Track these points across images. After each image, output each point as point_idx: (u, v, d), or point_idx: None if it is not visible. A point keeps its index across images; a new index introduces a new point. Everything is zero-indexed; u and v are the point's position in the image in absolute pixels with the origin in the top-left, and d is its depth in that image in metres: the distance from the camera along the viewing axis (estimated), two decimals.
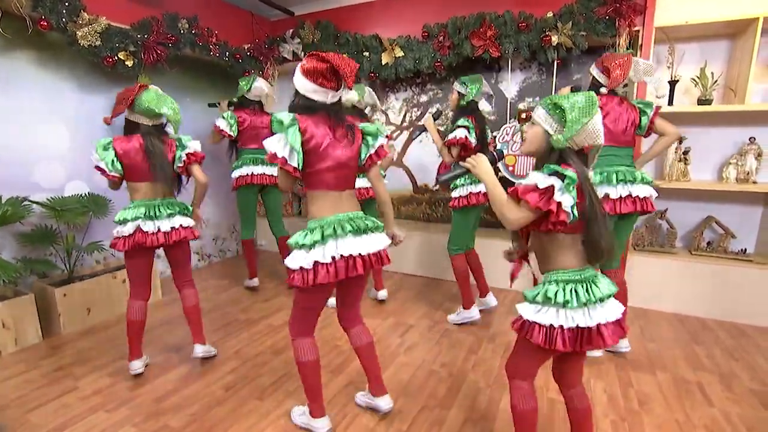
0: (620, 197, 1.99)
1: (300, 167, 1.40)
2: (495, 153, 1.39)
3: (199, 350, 2.12)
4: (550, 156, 1.21)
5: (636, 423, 1.73)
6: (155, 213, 1.86)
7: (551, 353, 1.27)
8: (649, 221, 2.94)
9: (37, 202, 2.37)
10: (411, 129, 3.78)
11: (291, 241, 1.46)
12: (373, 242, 1.50)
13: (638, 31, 2.62)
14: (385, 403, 1.75)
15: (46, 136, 2.57)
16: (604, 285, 1.22)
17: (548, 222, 1.16)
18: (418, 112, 3.73)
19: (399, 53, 3.25)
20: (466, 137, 2.28)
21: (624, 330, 1.23)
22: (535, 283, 1.34)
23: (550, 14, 2.72)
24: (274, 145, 1.39)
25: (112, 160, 1.78)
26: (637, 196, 2.00)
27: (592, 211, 1.17)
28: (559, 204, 1.12)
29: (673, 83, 2.68)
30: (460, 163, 1.45)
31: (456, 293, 2.83)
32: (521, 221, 1.20)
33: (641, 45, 2.61)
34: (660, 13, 2.54)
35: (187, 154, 1.91)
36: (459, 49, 3.04)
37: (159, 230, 1.84)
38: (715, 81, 2.59)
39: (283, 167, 1.39)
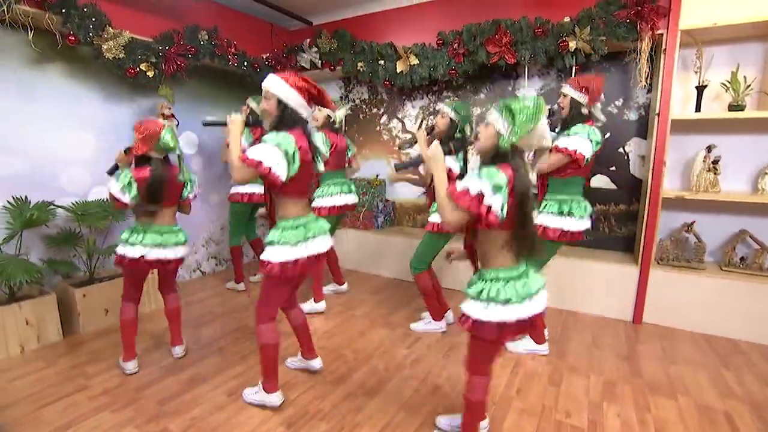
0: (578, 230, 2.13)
1: (286, 179, 1.58)
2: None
3: (179, 350, 2.28)
4: (496, 154, 1.30)
5: None
6: (162, 243, 2.00)
7: (502, 345, 1.48)
8: (674, 234, 2.77)
9: (61, 206, 2.49)
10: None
11: (274, 238, 1.65)
12: (326, 242, 1.79)
13: (662, 34, 2.50)
14: (317, 363, 2.10)
15: (73, 143, 2.71)
16: (536, 279, 1.37)
17: (481, 222, 1.26)
18: (435, 120, 3.69)
19: (414, 61, 3.24)
20: (450, 169, 2.23)
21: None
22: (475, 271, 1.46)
23: (567, 19, 2.64)
24: (263, 155, 1.52)
25: (135, 195, 1.90)
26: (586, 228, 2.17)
27: (522, 210, 1.27)
28: (489, 207, 1.21)
29: (700, 89, 2.53)
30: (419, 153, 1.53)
31: None
32: (459, 222, 1.29)
33: (665, 49, 2.48)
34: (686, 16, 2.41)
35: (195, 194, 2.15)
36: (474, 56, 2.99)
37: (163, 258, 2.01)
38: (748, 85, 2.43)
39: (267, 176, 1.53)
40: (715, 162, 2.60)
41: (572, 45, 2.64)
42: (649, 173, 2.64)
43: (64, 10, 2.30)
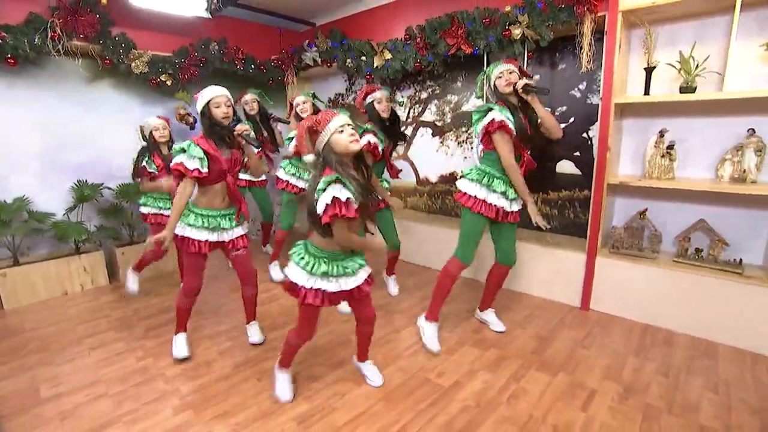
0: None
1: None
2: None
3: None
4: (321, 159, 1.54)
5: (481, 413, 1.79)
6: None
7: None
8: (629, 222, 2.68)
9: (107, 187, 3.39)
10: (414, 125, 3.99)
11: None
12: None
13: (604, 16, 2.42)
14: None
15: (120, 139, 3.59)
16: None
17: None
18: (420, 108, 3.91)
19: (388, 56, 3.49)
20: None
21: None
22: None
23: (508, 8, 2.68)
24: None
25: None
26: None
27: None
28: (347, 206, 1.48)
29: (648, 70, 2.40)
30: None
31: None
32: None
33: (606, 32, 2.40)
34: None
35: None
36: (436, 48, 3.15)
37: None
38: (698, 65, 2.25)
39: None
40: (670, 147, 2.46)
41: (516, 33, 2.68)
42: (595, 159, 2.60)
43: (101, 41, 3.09)
